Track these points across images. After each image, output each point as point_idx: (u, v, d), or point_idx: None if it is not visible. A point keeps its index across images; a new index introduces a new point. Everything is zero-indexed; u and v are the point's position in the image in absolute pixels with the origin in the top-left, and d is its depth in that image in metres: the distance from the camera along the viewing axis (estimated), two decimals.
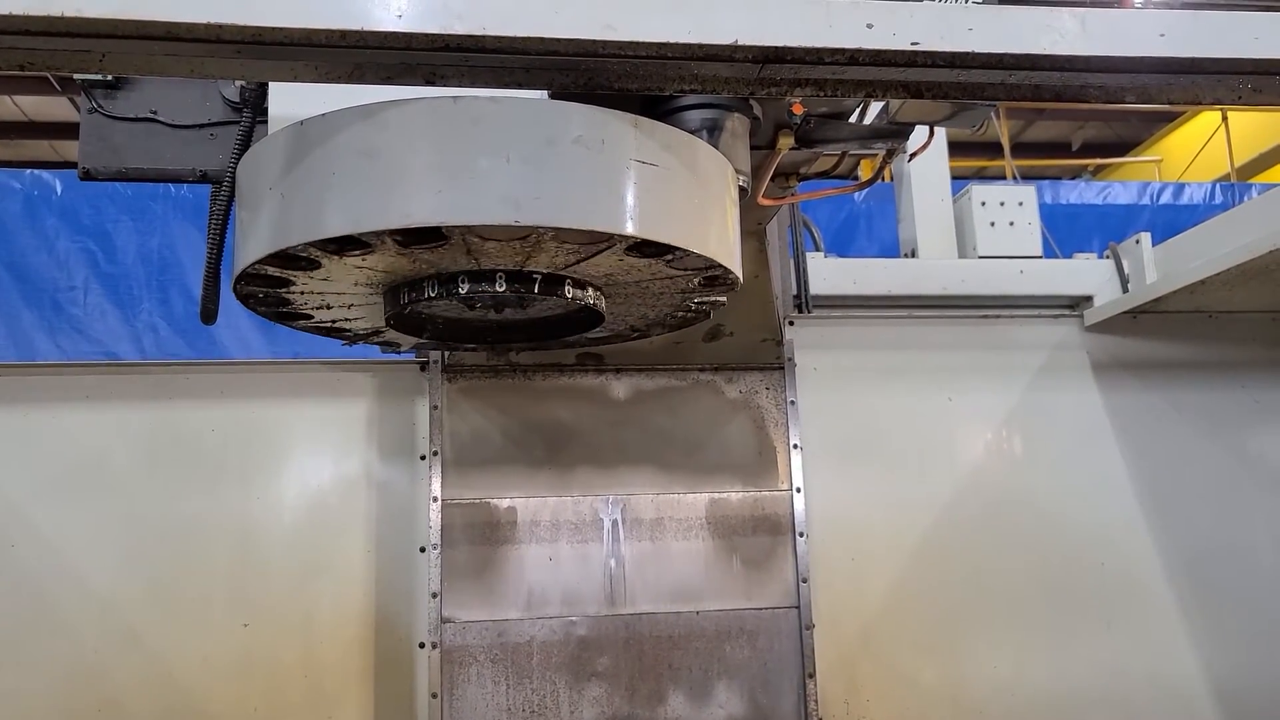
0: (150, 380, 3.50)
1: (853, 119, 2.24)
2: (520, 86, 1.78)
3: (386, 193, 1.61)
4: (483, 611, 3.39)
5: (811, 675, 3.47)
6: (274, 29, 1.48)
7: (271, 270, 1.80)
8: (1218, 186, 6.64)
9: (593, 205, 1.66)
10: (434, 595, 3.35)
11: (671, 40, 1.58)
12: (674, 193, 1.75)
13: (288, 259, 1.75)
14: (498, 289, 1.84)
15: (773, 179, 2.24)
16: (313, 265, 1.79)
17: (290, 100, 2.01)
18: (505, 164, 1.61)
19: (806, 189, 2.63)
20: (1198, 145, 10.66)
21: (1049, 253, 4.27)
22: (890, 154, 2.36)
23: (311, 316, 2.12)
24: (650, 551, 3.50)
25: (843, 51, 1.64)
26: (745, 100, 2.01)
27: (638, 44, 1.59)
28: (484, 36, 1.54)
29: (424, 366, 3.53)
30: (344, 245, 1.69)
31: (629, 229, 1.67)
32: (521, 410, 3.53)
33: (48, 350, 4.52)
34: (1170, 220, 6.17)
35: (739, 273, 1.94)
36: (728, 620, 3.49)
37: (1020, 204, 4.15)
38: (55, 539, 3.33)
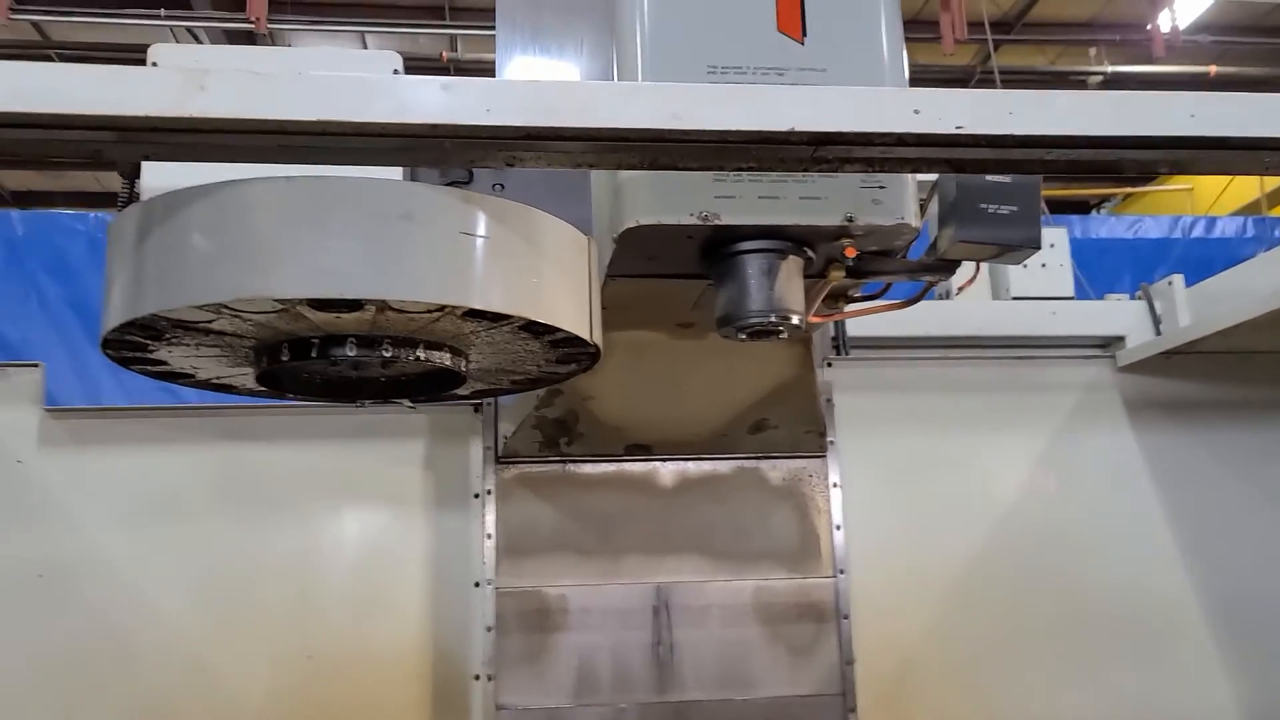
0: (216, 423, 3.67)
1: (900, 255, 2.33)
2: (592, 166, 1.93)
3: (220, 268, 1.74)
4: (535, 698, 3.48)
5: (853, 710, 3.56)
6: (375, 124, 1.63)
7: (131, 337, 1.93)
8: (1250, 221, 6.67)
9: (417, 277, 1.76)
10: (488, 629, 3.48)
11: (732, 128, 1.72)
12: (505, 262, 1.86)
13: (143, 328, 1.88)
14: (348, 353, 1.95)
15: (823, 300, 2.34)
16: (164, 334, 1.92)
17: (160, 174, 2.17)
18: (335, 239, 1.74)
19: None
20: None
21: (1079, 287, 4.33)
22: (935, 282, 2.47)
23: (193, 375, 2.24)
24: (698, 638, 3.57)
25: (891, 135, 1.75)
26: (800, 245, 2.14)
27: (701, 131, 1.72)
28: (563, 128, 1.68)
29: (478, 408, 3.68)
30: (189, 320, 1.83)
31: (454, 299, 1.78)
32: (571, 499, 3.63)
33: (112, 390, 4.68)
34: (1202, 254, 6.16)
35: (587, 335, 2.00)
36: (774, 708, 3.55)
37: (1051, 245, 4.22)
38: (127, 575, 3.49)
